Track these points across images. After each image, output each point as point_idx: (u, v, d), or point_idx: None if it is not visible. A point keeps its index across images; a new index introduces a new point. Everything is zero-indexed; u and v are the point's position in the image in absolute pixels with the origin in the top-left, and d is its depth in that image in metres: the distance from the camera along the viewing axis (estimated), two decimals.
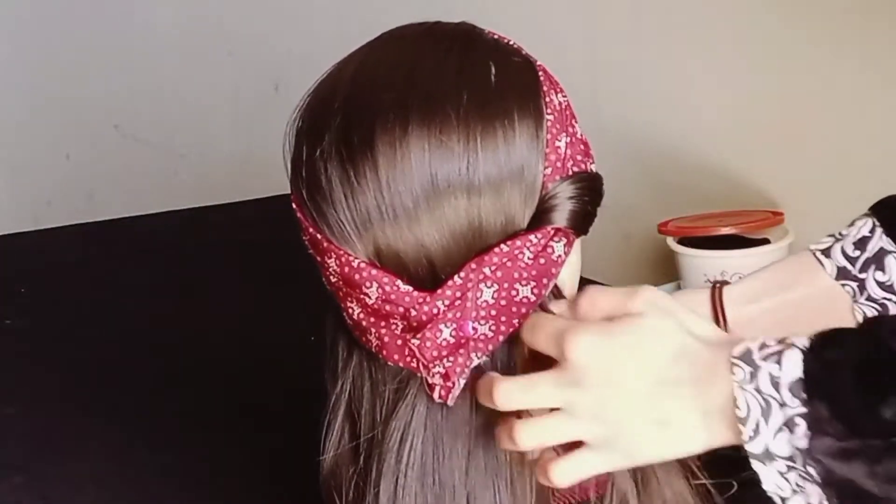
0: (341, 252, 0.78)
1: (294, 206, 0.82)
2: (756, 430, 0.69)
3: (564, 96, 0.82)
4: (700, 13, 1.83)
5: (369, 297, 0.78)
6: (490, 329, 0.77)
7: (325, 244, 0.79)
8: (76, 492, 1.36)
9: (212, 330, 1.78)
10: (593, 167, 0.83)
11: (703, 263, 1.66)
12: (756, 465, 0.70)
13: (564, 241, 0.79)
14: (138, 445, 1.45)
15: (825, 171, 1.68)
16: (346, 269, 0.78)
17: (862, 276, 0.94)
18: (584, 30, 1.99)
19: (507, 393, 0.74)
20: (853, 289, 0.95)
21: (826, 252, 0.97)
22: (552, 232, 0.79)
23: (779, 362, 0.69)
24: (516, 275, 0.77)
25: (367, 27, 0.89)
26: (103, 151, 2.80)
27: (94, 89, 2.78)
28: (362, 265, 0.78)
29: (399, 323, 0.78)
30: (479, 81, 0.79)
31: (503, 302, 0.77)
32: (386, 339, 0.79)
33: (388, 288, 0.78)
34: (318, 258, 0.81)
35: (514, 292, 0.77)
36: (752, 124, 1.78)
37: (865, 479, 0.66)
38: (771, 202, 1.73)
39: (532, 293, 0.78)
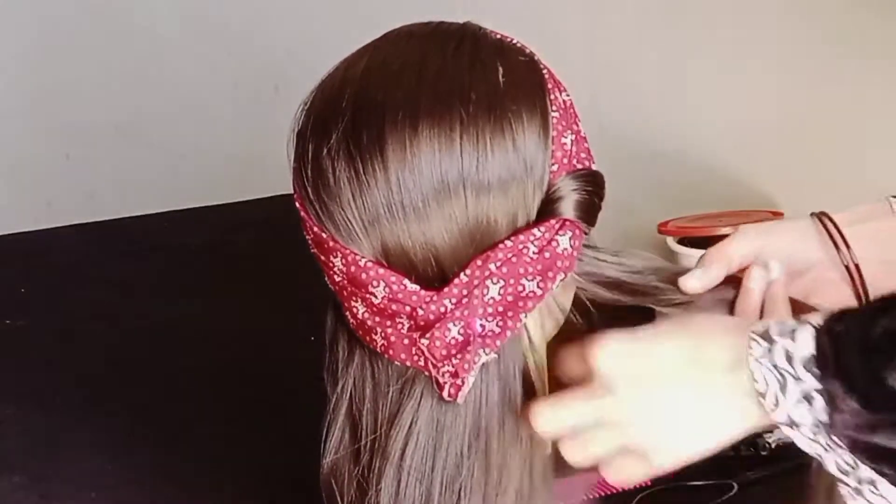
0: (347, 251, 0.78)
1: (297, 204, 0.82)
2: (776, 403, 0.70)
3: (568, 95, 0.83)
4: (700, 13, 1.83)
5: (375, 297, 0.78)
6: (497, 325, 0.77)
7: (331, 243, 0.79)
8: (76, 492, 1.36)
9: (212, 330, 1.78)
10: (594, 167, 0.83)
11: None
12: (786, 430, 0.71)
13: (570, 234, 0.79)
14: (138, 445, 1.45)
15: (825, 171, 1.68)
16: (353, 269, 0.78)
17: None
18: (584, 30, 1.99)
19: (542, 416, 0.76)
20: None
21: None
22: (557, 226, 0.79)
23: (793, 338, 0.70)
24: (521, 270, 0.78)
25: (368, 27, 0.89)
26: (103, 151, 2.80)
27: (94, 89, 2.78)
28: (369, 264, 0.78)
29: (406, 322, 0.78)
30: (487, 81, 0.79)
31: (510, 298, 0.78)
32: (392, 338, 0.79)
33: (395, 287, 0.78)
34: (322, 257, 0.81)
35: (520, 288, 0.78)
36: (751, 124, 1.78)
37: (892, 442, 0.66)
38: (771, 202, 1.73)
39: (538, 287, 0.78)
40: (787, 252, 0.89)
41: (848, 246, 0.91)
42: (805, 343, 0.69)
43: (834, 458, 0.69)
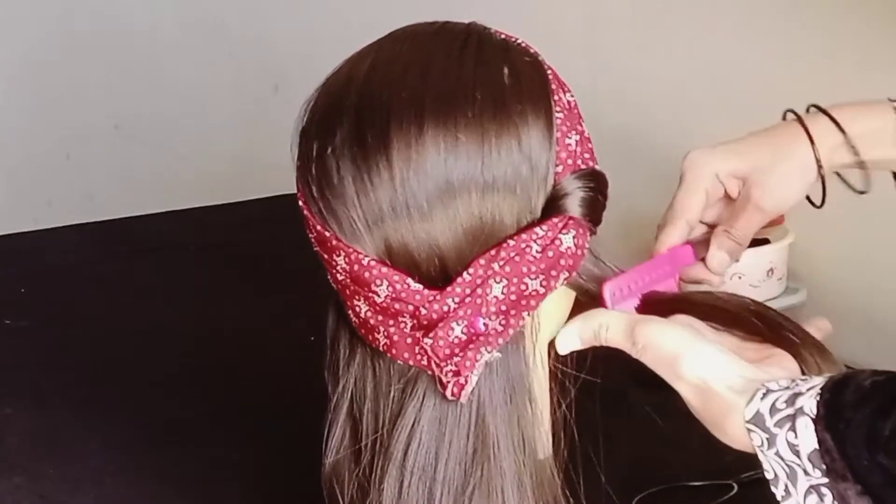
0: (350, 250, 0.78)
1: (301, 203, 0.82)
2: (787, 492, 0.69)
3: (572, 95, 0.83)
4: (700, 13, 1.83)
5: (378, 296, 0.78)
6: (500, 324, 0.78)
7: (334, 242, 0.79)
8: (76, 492, 1.36)
9: (212, 330, 1.78)
10: (597, 168, 0.83)
11: None
12: None
13: (574, 232, 0.79)
14: (138, 445, 1.45)
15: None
16: (356, 267, 0.78)
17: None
18: (585, 30, 1.99)
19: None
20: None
21: None
22: (560, 225, 0.79)
23: (794, 429, 0.68)
24: (525, 269, 0.78)
25: (368, 27, 0.89)
26: (103, 151, 2.80)
27: (94, 89, 2.78)
28: (372, 263, 0.78)
29: (409, 321, 0.78)
30: (492, 82, 0.79)
31: (513, 297, 0.78)
32: (395, 337, 0.79)
33: (398, 286, 0.78)
34: (326, 256, 0.81)
35: (523, 286, 0.78)
36: (752, 125, 1.78)
37: None
38: None
39: (541, 286, 0.78)
40: None
41: None
42: (808, 437, 0.68)
43: None
